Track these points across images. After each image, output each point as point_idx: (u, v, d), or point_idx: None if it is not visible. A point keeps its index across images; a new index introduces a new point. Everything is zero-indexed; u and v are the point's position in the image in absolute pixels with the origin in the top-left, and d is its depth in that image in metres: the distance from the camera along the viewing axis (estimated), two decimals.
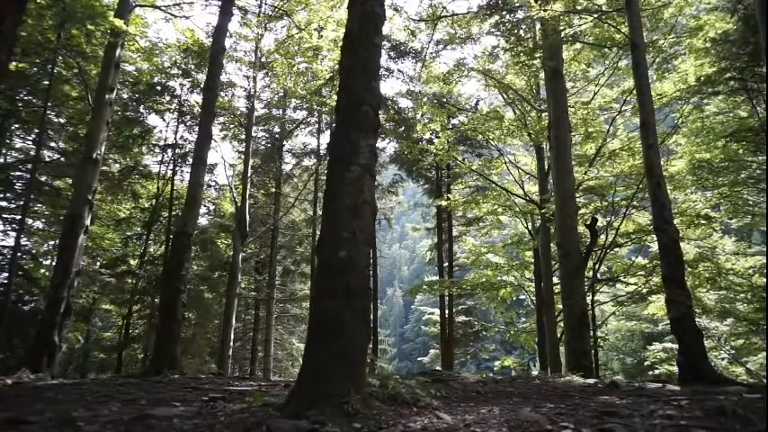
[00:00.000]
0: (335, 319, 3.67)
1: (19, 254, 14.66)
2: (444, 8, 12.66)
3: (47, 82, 13.59)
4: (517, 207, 16.59)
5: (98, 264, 18.86)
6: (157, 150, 18.78)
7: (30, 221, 16.43)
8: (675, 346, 11.70)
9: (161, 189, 17.77)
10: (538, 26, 12.52)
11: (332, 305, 3.72)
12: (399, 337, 71.60)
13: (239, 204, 16.13)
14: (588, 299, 12.64)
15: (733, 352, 16.64)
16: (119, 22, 10.30)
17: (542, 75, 13.03)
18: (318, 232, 8.62)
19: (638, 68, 8.00)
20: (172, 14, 13.41)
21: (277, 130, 22.29)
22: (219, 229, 20.82)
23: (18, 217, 15.11)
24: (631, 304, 17.20)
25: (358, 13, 4.67)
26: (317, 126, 22.24)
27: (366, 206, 4.03)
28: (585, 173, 13.88)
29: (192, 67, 16.78)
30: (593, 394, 4.83)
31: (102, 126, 10.57)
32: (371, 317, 9.96)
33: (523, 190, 16.11)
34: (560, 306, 12.11)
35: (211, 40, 11.34)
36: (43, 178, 16.10)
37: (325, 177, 4.61)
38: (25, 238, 16.57)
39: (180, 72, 17.06)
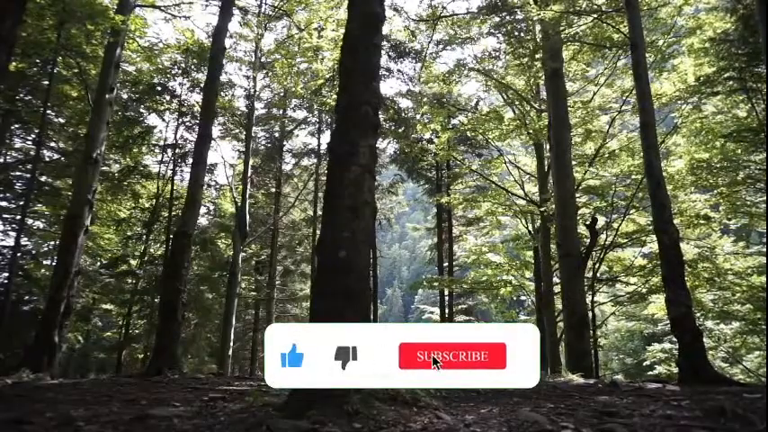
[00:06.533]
0: (335, 319, 3.67)
1: (19, 254, 14.63)
2: (444, 8, 12.68)
3: (47, 82, 13.56)
4: (517, 207, 16.58)
5: (98, 264, 18.84)
6: (157, 150, 18.73)
7: (30, 221, 16.38)
8: (675, 346, 11.73)
9: (161, 189, 17.73)
10: (538, 27, 12.52)
11: (332, 305, 3.73)
12: None
13: (239, 204, 16.13)
14: (588, 299, 12.64)
15: (731, 350, 16.63)
16: (120, 18, 10.27)
17: (542, 74, 13.04)
18: (318, 232, 8.61)
19: (638, 68, 7.95)
20: (172, 14, 13.42)
21: (277, 129, 22.29)
22: (219, 229, 20.79)
23: (18, 217, 15.09)
24: (631, 304, 17.19)
25: (358, 13, 4.67)
26: (317, 126, 22.24)
27: (366, 206, 4.03)
28: (585, 173, 13.88)
29: (192, 67, 16.77)
30: (593, 394, 4.84)
31: (102, 126, 10.55)
32: (371, 317, 9.95)
33: (523, 190, 16.09)
34: (560, 306, 12.11)
35: (211, 40, 11.33)
36: (43, 178, 16.07)
37: (325, 177, 4.62)
38: (25, 238, 16.54)
39: (180, 72, 17.04)
